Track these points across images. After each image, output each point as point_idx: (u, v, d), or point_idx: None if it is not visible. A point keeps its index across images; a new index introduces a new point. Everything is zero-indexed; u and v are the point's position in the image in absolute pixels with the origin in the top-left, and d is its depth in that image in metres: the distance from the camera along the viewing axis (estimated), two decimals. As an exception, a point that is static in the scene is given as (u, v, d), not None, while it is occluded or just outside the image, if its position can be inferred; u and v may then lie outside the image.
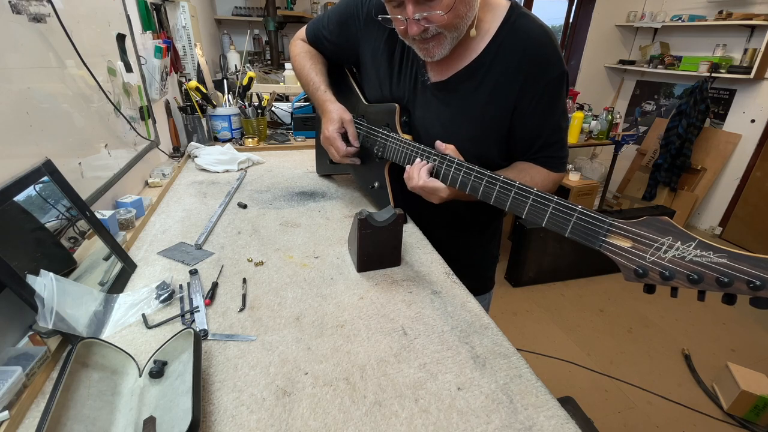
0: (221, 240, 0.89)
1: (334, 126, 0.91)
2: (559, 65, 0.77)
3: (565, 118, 0.84)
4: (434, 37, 0.74)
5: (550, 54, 0.76)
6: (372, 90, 0.97)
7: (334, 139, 0.92)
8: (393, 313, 0.68)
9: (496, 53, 0.78)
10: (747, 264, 0.40)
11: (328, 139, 0.93)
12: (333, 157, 0.96)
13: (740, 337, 2.29)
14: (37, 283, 0.53)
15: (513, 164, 0.88)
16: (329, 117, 0.92)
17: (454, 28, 0.73)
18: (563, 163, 0.86)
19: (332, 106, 0.93)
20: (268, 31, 3.41)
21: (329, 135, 0.92)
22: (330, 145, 0.94)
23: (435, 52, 0.77)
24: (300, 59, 1.03)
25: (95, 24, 0.97)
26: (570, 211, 0.54)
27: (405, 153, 0.83)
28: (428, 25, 0.71)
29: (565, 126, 0.84)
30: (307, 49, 1.05)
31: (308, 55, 1.03)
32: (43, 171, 0.65)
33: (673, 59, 3.72)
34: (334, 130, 0.91)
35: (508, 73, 0.77)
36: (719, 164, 3.45)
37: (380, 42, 0.90)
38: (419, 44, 0.77)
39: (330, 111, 0.93)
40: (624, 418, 1.76)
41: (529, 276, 2.64)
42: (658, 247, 0.46)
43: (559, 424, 0.49)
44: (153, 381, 0.52)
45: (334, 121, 0.91)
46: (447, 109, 0.85)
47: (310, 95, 1.01)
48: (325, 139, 0.94)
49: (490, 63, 0.78)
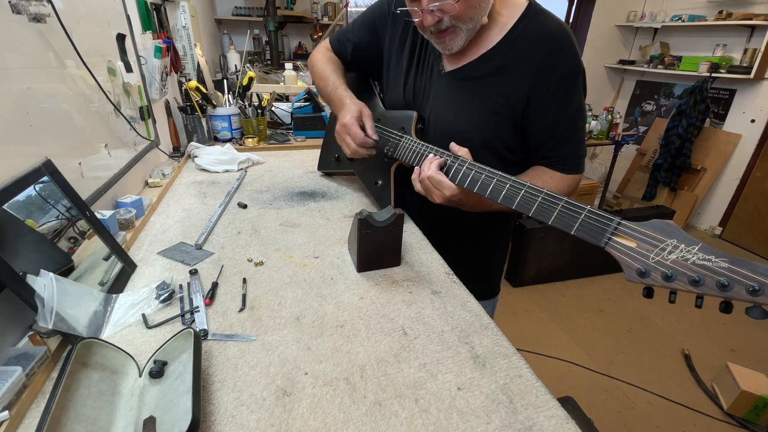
0: (221, 240, 0.89)
1: (352, 115, 0.87)
2: (575, 59, 0.77)
3: (582, 118, 0.83)
4: (449, 29, 0.76)
5: (565, 47, 0.76)
6: (392, 85, 0.97)
7: (351, 125, 0.87)
8: (393, 313, 0.68)
9: (512, 44, 0.79)
10: (747, 269, 0.41)
11: (345, 126, 0.88)
12: (348, 147, 0.89)
13: (740, 337, 2.29)
14: (37, 283, 0.53)
15: (526, 171, 0.88)
16: (348, 108, 0.89)
17: (469, 19, 0.75)
18: (579, 164, 0.85)
19: (351, 100, 0.91)
20: (268, 31, 3.41)
21: (346, 122, 0.87)
22: (346, 133, 0.88)
23: (451, 45, 0.78)
24: (320, 64, 1.03)
25: (95, 24, 0.97)
26: (579, 210, 0.55)
27: (417, 152, 0.84)
28: (442, 15, 0.73)
29: (581, 125, 0.83)
30: (329, 56, 1.05)
31: (329, 61, 1.03)
32: (43, 171, 0.65)
33: (673, 59, 3.72)
34: (351, 118, 0.87)
35: (522, 63, 0.78)
36: (719, 164, 3.45)
37: (403, 38, 0.93)
38: (435, 37, 0.79)
39: (348, 104, 0.90)
40: (624, 418, 1.76)
41: (529, 276, 2.64)
42: (662, 248, 0.46)
43: (559, 424, 0.49)
44: (153, 381, 0.52)
45: (352, 111, 0.88)
46: (459, 96, 0.85)
47: (328, 96, 0.99)
48: (342, 127, 0.89)
49: (504, 53, 0.79)
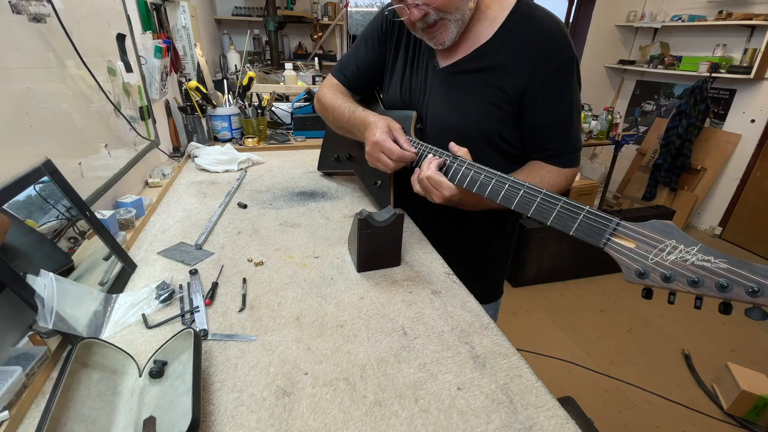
0: (221, 240, 0.89)
1: (382, 131, 0.81)
2: (568, 50, 0.77)
3: (578, 111, 0.83)
4: (437, 23, 0.77)
5: (559, 39, 0.77)
6: (393, 90, 0.97)
7: (384, 141, 0.80)
8: (393, 313, 0.68)
9: (505, 38, 0.79)
10: (747, 270, 0.41)
11: (377, 144, 0.81)
12: (386, 166, 0.82)
13: (740, 337, 2.29)
14: (37, 283, 0.53)
15: (523, 167, 0.88)
16: (375, 125, 0.83)
17: (455, 9, 0.75)
18: (576, 158, 0.86)
19: (375, 117, 0.85)
20: (268, 31, 3.41)
21: (377, 138, 0.80)
22: (380, 151, 0.81)
23: (443, 38, 0.79)
24: (329, 96, 1.00)
25: (95, 24, 0.97)
26: (577, 210, 0.55)
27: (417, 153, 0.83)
28: (427, 9, 0.74)
29: (577, 119, 0.83)
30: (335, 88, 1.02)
31: (338, 91, 1.00)
32: (43, 171, 0.65)
33: (673, 59, 3.72)
34: (382, 134, 0.80)
35: (516, 57, 0.78)
36: (719, 164, 3.45)
37: (398, 42, 0.94)
38: (426, 33, 0.79)
39: (374, 121, 0.84)
40: (624, 418, 1.76)
41: (529, 276, 2.64)
42: (661, 249, 0.46)
43: (559, 424, 0.49)
44: (153, 381, 0.52)
45: (381, 127, 0.82)
46: (454, 91, 0.85)
47: (347, 122, 0.93)
48: (373, 146, 0.82)
49: (498, 47, 0.80)
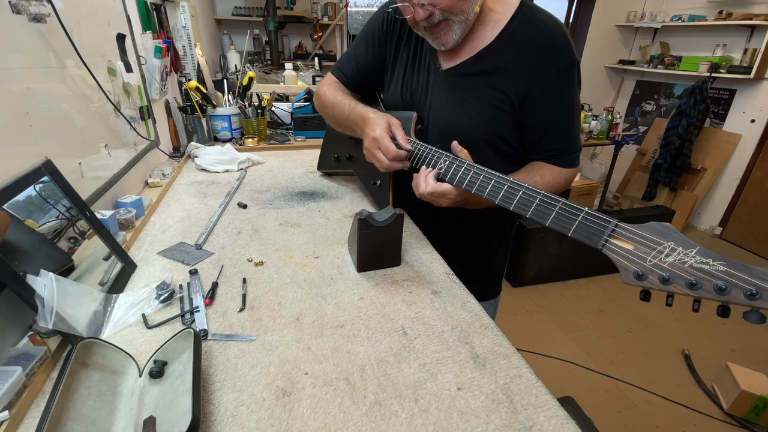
0: (221, 240, 0.89)
1: (381, 127, 0.82)
2: (570, 54, 0.78)
3: (578, 113, 0.85)
4: (442, 23, 0.76)
5: (560, 42, 0.77)
6: (393, 90, 0.97)
7: (382, 138, 0.81)
8: (393, 313, 0.68)
9: (508, 41, 0.79)
10: (745, 272, 0.41)
11: (375, 140, 0.82)
12: (381, 163, 0.83)
13: (740, 337, 2.29)
14: (37, 283, 0.53)
15: (524, 166, 0.88)
16: (374, 121, 0.84)
17: (460, 11, 0.75)
18: (576, 158, 0.87)
19: (375, 114, 0.86)
20: (268, 31, 3.41)
21: (376, 135, 0.81)
22: (377, 147, 0.82)
23: (446, 39, 0.79)
24: (329, 93, 1.00)
25: (95, 24, 0.97)
26: (576, 212, 0.55)
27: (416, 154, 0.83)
28: (433, 9, 0.73)
29: (577, 120, 0.85)
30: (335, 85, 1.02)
31: (338, 88, 1.00)
32: (43, 171, 0.65)
33: (673, 59, 3.72)
34: (382, 130, 0.82)
35: (518, 59, 0.78)
36: (719, 164, 3.45)
37: (399, 41, 0.93)
38: (429, 33, 0.79)
39: (373, 117, 0.85)
40: (624, 418, 1.76)
41: (529, 276, 2.64)
42: (660, 251, 0.46)
43: (559, 424, 0.49)
44: (153, 381, 0.52)
45: (380, 123, 0.83)
46: (457, 93, 0.85)
47: (346, 118, 0.93)
48: (372, 142, 0.83)
49: (500, 50, 0.80)
